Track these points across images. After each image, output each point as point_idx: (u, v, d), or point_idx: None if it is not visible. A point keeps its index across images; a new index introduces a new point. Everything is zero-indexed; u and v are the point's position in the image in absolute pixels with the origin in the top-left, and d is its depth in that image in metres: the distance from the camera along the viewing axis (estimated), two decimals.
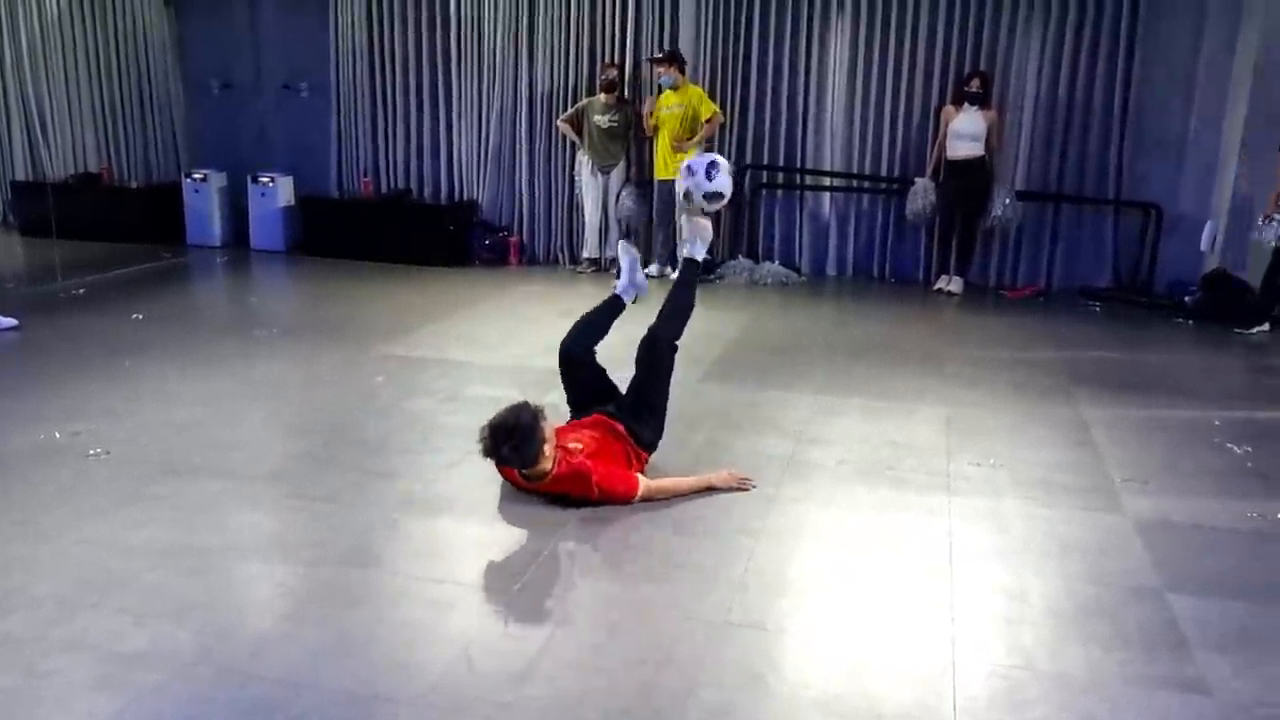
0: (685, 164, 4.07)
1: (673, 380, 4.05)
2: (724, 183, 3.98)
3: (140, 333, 5.99)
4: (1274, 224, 6.59)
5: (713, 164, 3.97)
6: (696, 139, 7.68)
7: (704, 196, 3.96)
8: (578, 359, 4.00)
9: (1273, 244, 6.60)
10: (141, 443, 4.13)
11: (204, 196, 9.01)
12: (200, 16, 9.33)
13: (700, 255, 4.19)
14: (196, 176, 9.03)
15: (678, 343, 4.03)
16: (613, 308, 4.19)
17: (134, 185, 9.42)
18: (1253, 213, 6.82)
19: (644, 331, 4.00)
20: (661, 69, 7.74)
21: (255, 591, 3.01)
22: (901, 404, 4.94)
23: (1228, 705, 2.52)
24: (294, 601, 2.93)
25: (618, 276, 4.37)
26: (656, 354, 3.95)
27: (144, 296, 6.95)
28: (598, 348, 4.10)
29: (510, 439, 3.40)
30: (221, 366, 5.31)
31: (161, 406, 4.61)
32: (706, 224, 4.17)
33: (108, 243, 8.69)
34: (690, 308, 4.13)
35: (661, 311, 4.07)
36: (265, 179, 8.85)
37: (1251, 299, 6.78)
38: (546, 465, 3.50)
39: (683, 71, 7.74)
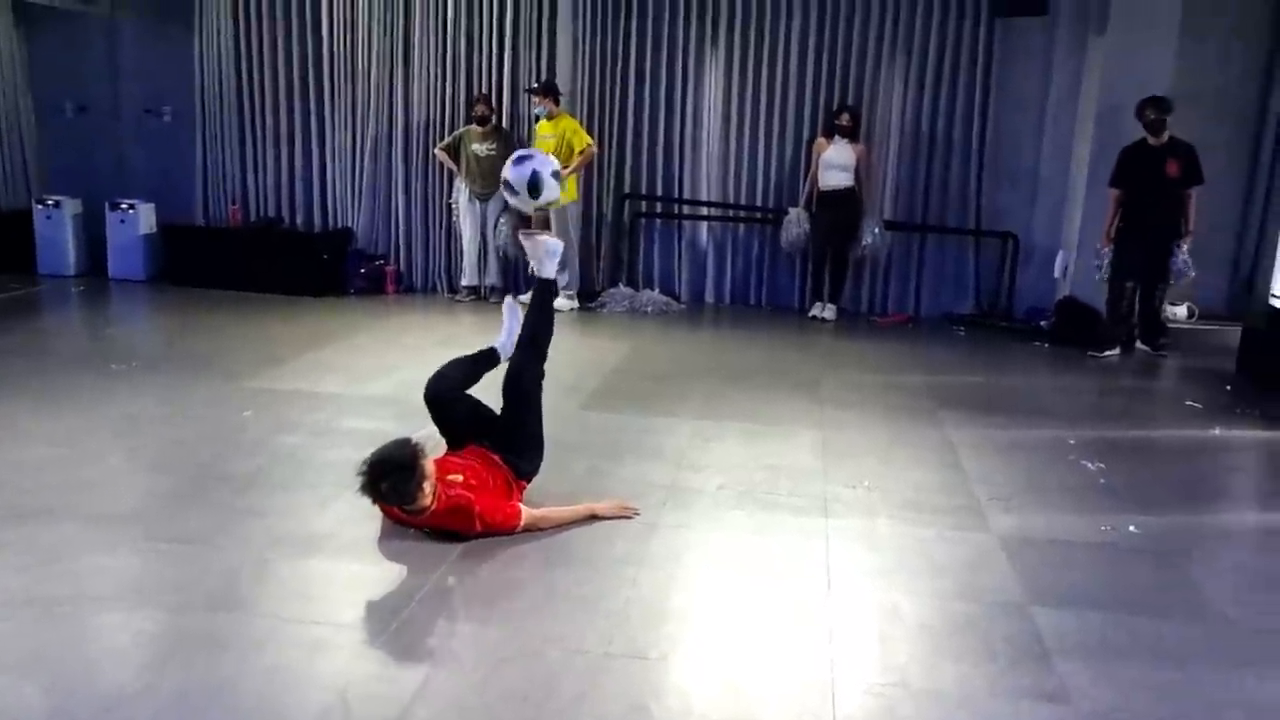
0: (503, 179, 3.87)
1: (554, 409, 4.03)
2: (552, 188, 3.88)
3: None
4: (1105, 255, 7.03)
5: (534, 175, 3.84)
6: (570, 169, 7.69)
7: (536, 209, 3.89)
8: (447, 401, 3.87)
9: (1105, 276, 7.04)
10: None
11: (57, 224, 8.54)
12: (53, 37, 8.91)
13: (551, 273, 3.99)
14: (49, 202, 8.57)
15: (543, 368, 3.96)
16: (488, 360, 4.06)
17: None
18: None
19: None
20: (536, 99, 7.77)
21: (111, 642, 2.83)
22: (778, 428, 5.04)
23: (1087, 713, 2.63)
24: (153, 651, 2.77)
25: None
26: (522, 389, 3.87)
27: None
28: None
29: (389, 477, 3.31)
30: (76, 402, 5.03)
31: (9, 445, 4.33)
32: (545, 239, 3.98)
33: None
34: (549, 331, 3.99)
35: (520, 340, 3.96)
36: (124, 205, 8.46)
37: (1101, 325, 7.19)
38: (426, 502, 3.42)
39: (557, 103, 7.76)
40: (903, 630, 3.03)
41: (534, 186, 3.84)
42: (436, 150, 8.18)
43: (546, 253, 3.96)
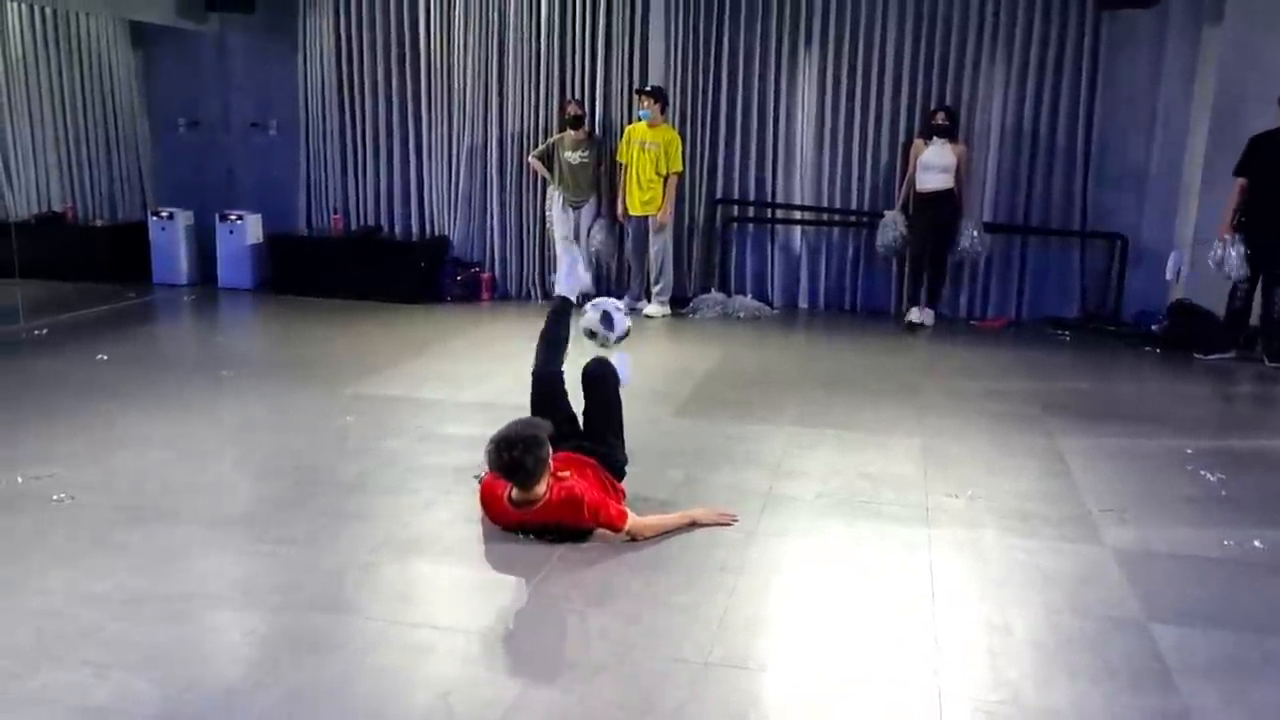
0: (583, 328, 4.32)
1: (647, 416, 4.05)
2: (621, 320, 4.34)
3: (105, 374, 5.88)
4: (1226, 246, 6.64)
5: (605, 314, 4.30)
6: (666, 211, 7.85)
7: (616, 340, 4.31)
8: (555, 377, 4.04)
9: (1229, 273, 6.67)
10: (106, 487, 4.03)
11: (170, 235, 8.89)
12: (167, 55, 9.27)
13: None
14: (162, 215, 8.92)
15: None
16: (564, 310, 4.34)
17: (98, 224, 9.30)
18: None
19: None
20: (646, 101, 7.78)
21: (223, 640, 2.92)
22: (876, 436, 4.94)
23: None
24: (264, 650, 2.85)
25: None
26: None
27: (109, 337, 6.83)
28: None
29: (519, 445, 3.38)
30: (188, 408, 5.21)
31: (127, 450, 4.51)
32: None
33: (71, 282, 8.55)
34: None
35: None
36: (233, 216, 8.77)
37: (1217, 327, 6.87)
38: (542, 489, 3.46)
39: (663, 111, 7.79)
40: (1012, 645, 2.93)
41: (607, 320, 4.30)
42: (530, 158, 8.26)
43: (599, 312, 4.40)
